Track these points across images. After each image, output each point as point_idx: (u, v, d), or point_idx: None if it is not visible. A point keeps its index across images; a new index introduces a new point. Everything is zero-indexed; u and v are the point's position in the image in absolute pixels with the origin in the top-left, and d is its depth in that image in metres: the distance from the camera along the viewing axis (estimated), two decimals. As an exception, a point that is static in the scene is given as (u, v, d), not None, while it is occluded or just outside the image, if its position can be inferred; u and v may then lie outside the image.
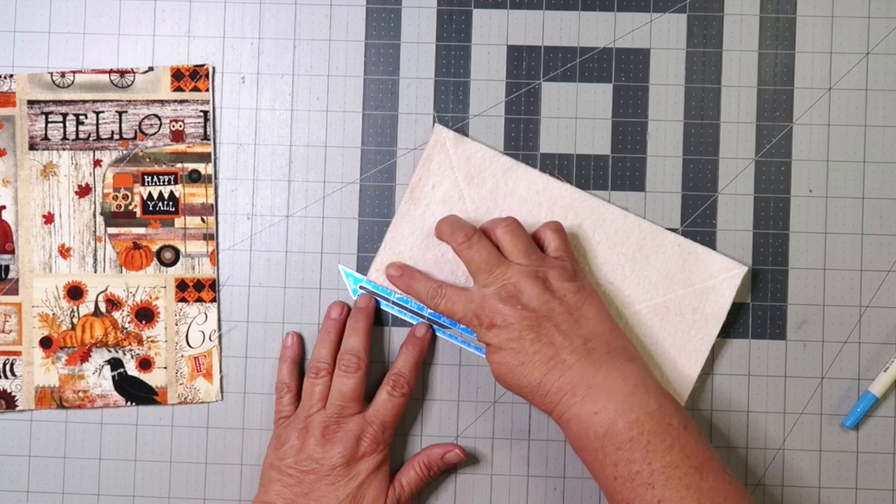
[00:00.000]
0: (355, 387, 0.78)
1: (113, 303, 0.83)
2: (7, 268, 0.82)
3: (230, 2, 0.83)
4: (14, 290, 0.83)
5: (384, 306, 0.82)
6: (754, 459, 0.81)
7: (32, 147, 0.82)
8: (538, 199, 0.81)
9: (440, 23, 0.82)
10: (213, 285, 0.82)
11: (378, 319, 0.82)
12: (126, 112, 0.82)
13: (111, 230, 0.83)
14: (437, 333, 0.82)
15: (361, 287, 0.82)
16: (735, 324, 0.81)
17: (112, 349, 0.83)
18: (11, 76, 0.82)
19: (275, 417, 0.81)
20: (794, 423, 0.81)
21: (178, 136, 0.83)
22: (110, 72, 0.82)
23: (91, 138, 0.82)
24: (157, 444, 0.82)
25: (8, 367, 0.83)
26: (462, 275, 0.81)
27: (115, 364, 0.83)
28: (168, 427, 0.82)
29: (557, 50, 0.82)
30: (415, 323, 0.82)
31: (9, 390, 0.82)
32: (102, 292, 0.83)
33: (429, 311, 0.81)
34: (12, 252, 0.82)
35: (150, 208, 0.83)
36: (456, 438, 0.82)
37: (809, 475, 0.81)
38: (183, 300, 0.83)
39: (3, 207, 0.82)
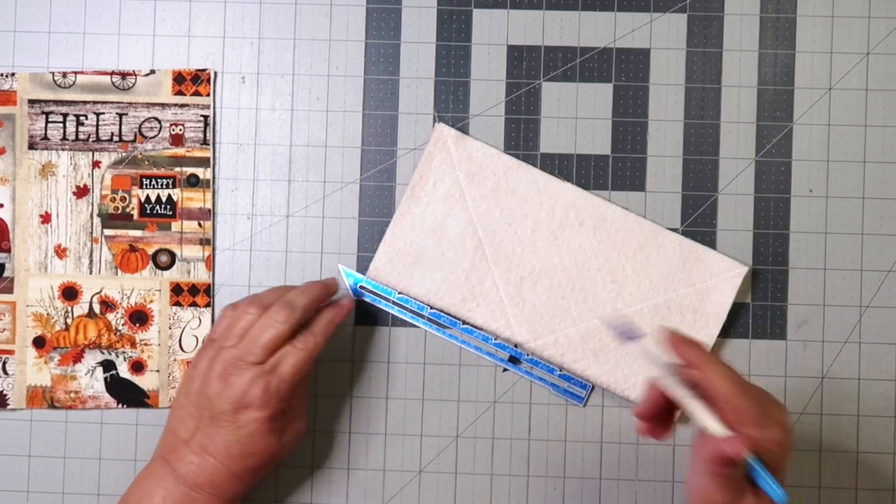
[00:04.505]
0: (273, 338, 0.72)
1: (107, 304, 0.82)
2: (2, 266, 0.82)
3: (230, 2, 0.83)
4: (9, 289, 0.82)
5: (384, 306, 0.81)
6: (754, 461, 0.81)
7: (32, 146, 0.82)
8: (539, 197, 0.81)
9: (440, 23, 0.83)
10: (208, 290, 0.82)
11: (378, 319, 0.82)
12: (126, 114, 0.82)
13: (108, 232, 0.82)
14: (438, 334, 0.81)
15: (361, 287, 0.81)
16: (735, 324, 0.81)
17: (105, 351, 0.82)
18: (13, 74, 0.82)
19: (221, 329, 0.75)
20: (795, 423, 0.81)
21: (177, 139, 0.82)
22: (112, 73, 0.82)
23: (91, 139, 0.82)
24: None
25: (0, 365, 0.82)
26: (462, 273, 0.80)
27: (108, 366, 0.82)
28: (165, 428, 0.82)
29: (557, 50, 0.82)
30: (415, 323, 0.81)
31: (0, 389, 0.82)
32: (97, 294, 0.82)
33: (429, 310, 0.81)
34: (8, 251, 0.82)
35: (148, 211, 0.82)
36: (456, 439, 0.81)
37: (810, 475, 0.81)
38: (177, 304, 0.82)
39: (1, 206, 0.82)
